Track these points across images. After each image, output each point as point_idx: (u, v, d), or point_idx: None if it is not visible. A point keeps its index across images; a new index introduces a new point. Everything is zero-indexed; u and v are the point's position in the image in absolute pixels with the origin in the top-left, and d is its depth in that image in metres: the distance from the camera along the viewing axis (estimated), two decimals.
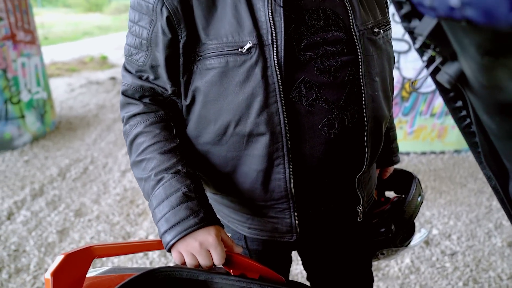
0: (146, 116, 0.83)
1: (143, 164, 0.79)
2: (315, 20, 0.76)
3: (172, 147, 0.80)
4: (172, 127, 0.84)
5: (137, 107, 0.84)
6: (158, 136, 0.80)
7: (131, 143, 0.83)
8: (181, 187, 0.74)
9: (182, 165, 0.78)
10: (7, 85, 3.91)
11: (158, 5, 0.73)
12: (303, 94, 0.77)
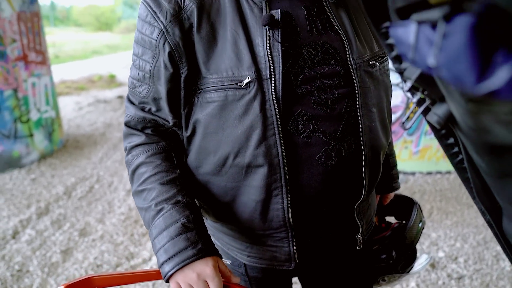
0: (148, 146, 0.85)
1: (144, 194, 0.81)
2: (313, 54, 0.78)
3: (172, 177, 0.82)
4: (173, 158, 0.86)
5: (139, 138, 0.86)
6: (159, 166, 0.82)
7: (133, 173, 0.85)
8: (180, 217, 0.76)
9: (182, 195, 0.80)
10: (17, 104, 3.99)
11: (161, 41, 0.76)
12: (300, 126, 0.78)
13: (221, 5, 0.78)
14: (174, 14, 0.76)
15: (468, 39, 0.20)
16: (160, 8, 0.77)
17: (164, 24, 0.76)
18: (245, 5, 0.78)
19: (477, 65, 0.21)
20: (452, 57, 0.22)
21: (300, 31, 0.79)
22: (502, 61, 0.20)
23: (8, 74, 3.88)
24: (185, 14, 0.76)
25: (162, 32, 0.76)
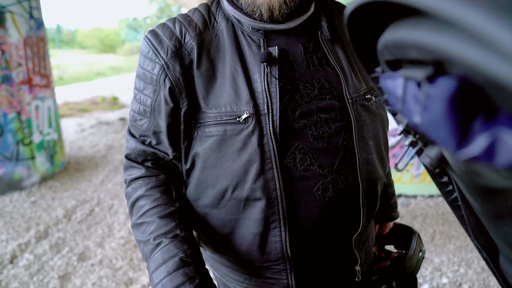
0: (148, 179, 0.86)
1: (143, 227, 0.81)
2: (310, 89, 0.80)
3: (171, 211, 0.82)
4: (172, 191, 0.87)
5: (139, 171, 0.87)
6: (158, 200, 0.83)
7: (132, 205, 0.85)
8: (178, 252, 0.76)
9: (181, 229, 0.80)
10: (20, 127, 4.02)
11: (162, 76, 0.79)
12: (297, 159, 0.79)
13: (221, 42, 0.80)
14: (174, 51, 0.79)
15: (448, 106, 0.21)
16: (162, 45, 0.79)
17: (165, 60, 0.78)
18: (244, 42, 0.80)
19: (456, 132, 0.22)
20: (433, 121, 0.23)
21: (297, 67, 0.81)
22: (480, 129, 0.21)
23: (13, 97, 3.94)
24: (186, 51, 0.79)
25: (163, 68, 0.78)
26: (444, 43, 0.19)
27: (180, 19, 0.83)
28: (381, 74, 0.34)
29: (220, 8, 0.85)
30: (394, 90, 0.31)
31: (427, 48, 0.22)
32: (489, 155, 0.20)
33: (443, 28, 0.20)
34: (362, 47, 0.36)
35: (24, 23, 3.95)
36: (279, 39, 0.81)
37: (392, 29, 0.27)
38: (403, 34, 0.25)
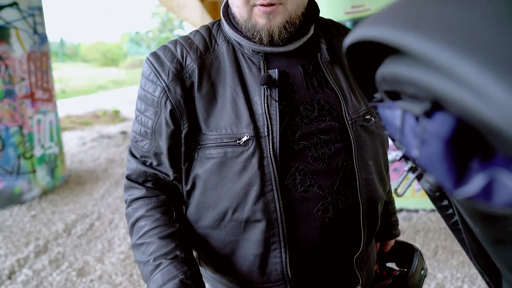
0: (148, 200, 0.86)
1: (143, 247, 0.81)
2: (309, 111, 0.81)
3: (171, 232, 0.82)
4: (172, 212, 0.87)
5: (140, 191, 0.88)
6: (158, 220, 0.83)
7: (132, 226, 0.86)
8: (178, 273, 0.75)
9: (181, 250, 0.80)
10: (21, 141, 4.04)
11: (163, 99, 0.79)
12: (297, 181, 0.79)
13: (221, 65, 0.81)
14: (176, 73, 0.80)
15: (445, 146, 0.22)
16: (163, 67, 0.80)
17: (166, 82, 0.79)
18: (244, 65, 0.81)
19: (453, 172, 0.22)
20: (431, 159, 0.24)
21: (297, 89, 0.81)
22: (477, 168, 0.21)
23: (15, 111, 3.96)
24: (187, 73, 0.80)
25: (164, 90, 0.79)
26: (437, 84, 0.20)
27: (181, 41, 0.84)
28: (380, 103, 0.34)
29: (221, 30, 0.86)
30: (393, 120, 0.31)
31: (423, 87, 0.22)
32: (486, 195, 0.20)
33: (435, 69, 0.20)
34: (361, 75, 0.37)
35: (28, 39, 4.01)
36: (279, 61, 0.82)
37: (389, 63, 0.28)
38: (399, 70, 0.25)
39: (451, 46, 0.18)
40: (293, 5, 0.76)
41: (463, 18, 0.18)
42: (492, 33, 0.17)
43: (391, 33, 0.22)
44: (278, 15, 0.76)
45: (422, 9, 0.21)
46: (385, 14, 0.25)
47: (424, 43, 0.19)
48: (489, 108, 0.16)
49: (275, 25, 0.76)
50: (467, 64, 0.17)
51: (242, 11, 0.77)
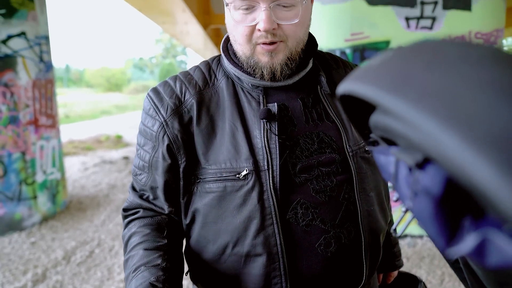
0: (143, 219, 0.88)
1: (129, 261, 0.81)
2: (309, 143, 0.81)
3: (157, 245, 0.82)
4: (164, 229, 0.87)
5: (137, 214, 0.90)
6: (147, 235, 0.83)
7: (125, 244, 0.86)
8: (151, 277, 0.73)
9: (163, 259, 0.78)
10: (24, 167, 4.04)
11: (161, 133, 0.81)
12: (299, 215, 0.79)
13: (221, 99, 0.83)
14: (174, 109, 0.81)
15: (435, 207, 0.22)
16: (162, 103, 0.82)
17: (164, 117, 0.81)
18: (244, 99, 0.82)
19: (444, 233, 0.22)
20: (422, 216, 0.24)
21: (296, 122, 0.82)
22: (469, 227, 0.21)
23: (18, 137, 3.99)
24: (185, 108, 0.81)
25: (162, 125, 0.81)
26: (426, 145, 0.20)
27: (181, 77, 0.86)
28: (375, 148, 0.34)
29: (220, 65, 0.88)
30: (387, 166, 0.31)
31: (412, 144, 0.22)
32: (479, 254, 0.20)
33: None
34: (355, 118, 0.38)
35: (34, 67, 4.09)
36: (278, 95, 0.83)
37: (381, 112, 0.28)
38: (390, 123, 0.26)
39: (437, 117, 0.18)
40: (294, 42, 0.78)
41: (448, 86, 0.19)
42: (476, 106, 0.17)
43: (380, 95, 0.23)
44: (279, 53, 0.77)
45: (410, 72, 0.22)
46: (375, 71, 0.25)
47: (411, 111, 0.20)
48: (476, 180, 0.16)
49: (277, 63, 0.78)
50: (452, 138, 0.17)
51: (245, 49, 0.78)
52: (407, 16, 3.34)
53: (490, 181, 0.16)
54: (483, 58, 0.19)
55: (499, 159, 0.15)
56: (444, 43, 0.22)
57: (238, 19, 0.75)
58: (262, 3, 0.71)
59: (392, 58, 0.25)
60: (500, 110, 0.16)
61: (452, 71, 0.20)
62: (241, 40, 0.78)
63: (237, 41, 0.80)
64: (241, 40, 0.78)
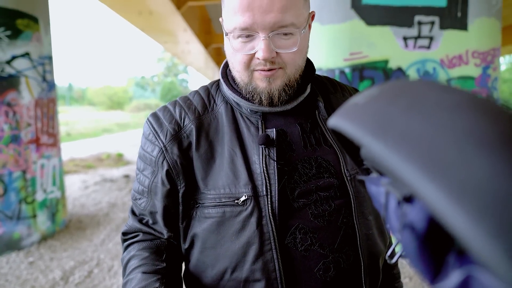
0: (142, 242, 0.88)
1: (127, 285, 0.80)
2: (308, 168, 0.81)
3: (156, 269, 0.82)
4: (163, 253, 0.87)
5: (136, 238, 0.89)
6: (146, 259, 0.83)
7: (124, 268, 0.86)
8: None
9: (160, 283, 0.78)
10: (24, 186, 4.04)
11: (160, 159, 0.81)
12: (298, 240, 0.79)
13: (220, 124, 0.83)
14: (173, 134, 0.82)
15: (420, 242, 0.22)
16: (162, 128, 0.83)
17: (163, 143, 0.81)
18: (243, 124, 0.83)
19: (430, 268, 0.22)
20: (409, 250, 0.24)
21: (295, 147, 0.82)
22: (454, 263, 0.22)
23: (19, 156, 4.00)
24: (185, 133, 0.82)
25: (161, 150, 0.81)
26: (409, 184, 0.21)
27: (180, 102, 0.87)
28: (366, 178, 0.35)
29: (219, 91, 0.89)
30: (378, 196, 0.32)
31: (397, 179, 0.23)
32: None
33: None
34: (348, 147, 0.38)
35: (36, 86, 4.14)
36: (277, 120, 0.84)
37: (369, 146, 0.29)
38: (378, 157, 0.26)
39: (414, 163, 0.19)
40: (292, 70, 0.79)
41: (426, 132, 0.20)
42: (451, 154, 0.18)
43: (363, 136, 0.24)
44: (278, 79, 0.78)
45: (391, 115, 0.23)
46: (360, 110, 0.26)
47: (390, 155, 0.21)
48: (452, 226, 0.17)
49: (275, 88, 0.78)
50: (428, 185, 0.18)
51: (243, 75, 0.79)
52: (405, 36, 3.39)
53: (465, 229, 0.16)
54: (459, 105, 0.20)
55: (471, 208, 0.16)
56: (425, 85, 0.23)
57: (237, 48, 0.76)
58: (261, 33, 0.72)
59: (377, 97, 0.26)
60: (473, 160, 0.17)
61: (430, 116, 0.20)
62: (239, 67, 0.79)
63: (235, 68, 0.81)
64: (239, 67, 0.79)
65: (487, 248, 0.15)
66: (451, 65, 3.37)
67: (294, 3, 0.72)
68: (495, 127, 0.18)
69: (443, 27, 3.33)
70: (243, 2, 0.70)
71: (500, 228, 0.15)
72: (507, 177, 0.16)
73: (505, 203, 0.15)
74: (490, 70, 3.42)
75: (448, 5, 3.31)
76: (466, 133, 0.18)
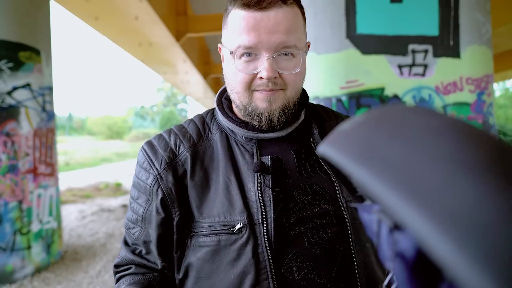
0: (134, 276, 0.85)
1: None
2: (303, 195, 0.81)
3: None
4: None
5: (128, 270, 0.87)
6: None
7: None
8: None
9: None
10: (19, 216, 3.98)
11: (155, 187, 0.81)
12: (294, 268, 0.77)
13: (215, 152, 0.83)
14: (168, 162, 0.81)
15: (410, 271, 0.22)
16: (156, 156, 0.82)
17: (158, 171, 0.81)
18: (237, 152, 0.83)
19: None
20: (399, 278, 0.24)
21: (290, 174, 0.82)
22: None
23: (16, 186, 3.97)
24: (179, 161, 0.82)
25: (156, 178, 0.81)
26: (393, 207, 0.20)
27: (175, 130, 0.87)
28: (359, 205, 0.34)
29: (214, 119, 0.90)
30: (370, 224, 0.31)
31: (385, 209, 0.23)
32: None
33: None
34: (342, 174, 0.38)
35: (36, 116, 4.16)
36: (272, 147, 0.84)
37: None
38: (362, 184, 0.26)
39: (397, 190, 0.19)
40: (293, 92, 0.80)
41: (408, 159, 0.20)
42: (433, 180, 0.18)
43: (348, 163, 0.24)
44: (278, 100, 0.79)
45: (375, 142, 0.23)
46: (345, 137, 0.26)
47: (373, 182, 0.21)
48: (435, 253, 0.17)
49: (275, 109, 0.79)
50: (411, 212, 0.18)
51: (242, 96, 0.80)
52: (399, 64, 3.46)
53: (449, 258, 0.16)
54: (440, 129, 0.20)
55: (455, 235, 0.16)
56: (408, 111, 0.24)
57: (240, 68, 0.77)
58: (265, 53, 0.74)
59: (362, 124, 0.26)
60: (455, 186, 0.17)
61: (412, 142, 0.20)
62: (239, 87, 0.79)
63: (234, 90, 0.81)
64: (240, 87, 0.79)
65: (473, 276, 0.15)
66: (446, 92, 3.42)
67: (297, 27, 0.76)
68: (476, 152, 0.18)
69: (437, 55, 3.41)
70: (250, 22, 0.73)
71: (485, 255, 0.15)
72: (489, 203, 0.16)
73: (488, 229, 0.15)
74: (485, 96, 3.47)
75: (440, 34, 3.40)
76: (446, 158, 0.18)
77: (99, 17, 6.46)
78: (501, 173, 0.17)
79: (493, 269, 0.15)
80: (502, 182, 0.17)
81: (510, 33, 9.11)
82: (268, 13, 0.73)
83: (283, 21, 0.73)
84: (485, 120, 3.48)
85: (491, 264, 0.15)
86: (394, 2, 3.45)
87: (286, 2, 0.74)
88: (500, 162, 0.17)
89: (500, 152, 0.18)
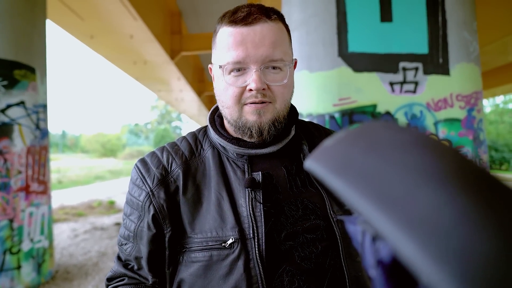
0: (127, 286, 0.86)
1: None
2: (294, 210, 0.82)
3: None
4: None
5: (121, 281, 0.88)
6: None
7: None
8: None
9: None
10: (10, 235, 3.92)
11: (147, 203, 0.82)
12: (285, 283, 0.77)
13: (206, 168, 0.85)
14: (160, 179, 0.83)
15: (386, 277, 0.23)
16: (149, 173, 0.84)
17: (150, 187, 0.82)
18: (229, 168, 0.84)
19: None
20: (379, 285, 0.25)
21: (281, 189, 0.83)
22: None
23: (8, 204, 3.93)
24: (172, 178, 0.83)
25: (148, 195, 0.82)
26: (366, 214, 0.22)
27: (168, 148, 0.89)
28: (346, 217, 0.36)
29: (207, 136, 0.92)
30: (355, 235, 0.33)
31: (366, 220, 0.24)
32: None
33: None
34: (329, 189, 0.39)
35: (29, 134, 4.15)
36: (263, 163, 0.86)
37: None
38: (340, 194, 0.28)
39: (369, 198, 0.20)
40: (282, 105, 0.82)
41: (379, 170, 0.22)
42: (400, 189, 0.20)
43: (328, 176, 0.25)
44: (268, 113, 0.81)
45: (351, 156, 0.25)
46: (327, 152, 0.28)
47: (348, 191, 0.22)
48: (405, 256, 0.18)
49: (265, 122, 0.81)
50: (381, 218, 0.19)
51: (233, 111, 0.82)
52: (391, 81, 3.53)
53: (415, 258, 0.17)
54: (410, 143, 0.22)
55: (417, 239, 0.17)
56: (382, 127, 0.26)
57: (230, 82, 0.80)
58: (253, 65, 0.77)
59: (342, 139, 0.28)
60: (419, 194, 0.19)
61: (383, 155, 0.22)
62: (230, 102, 0.81)
63: (225, 105, 0.83)
64: (230, 102, 0.81)
65: (435, 275, 0.16)
66: (437, 108, 3.48)
67: (282, 41, 0.80)
68: (438, 164, 0.20)
69: (427, 72, 3.49)
70: (237, 38, 0.77)
71: (445, 254, 0.16)
72: (446, 209, 0.17)
73: (445, 232, 0.17)
74: (475, 112, 3.53)
75: (430, 52, 3.49)
76: (412, 169, 0.20)
77: (94, 35, 6.53)
78: (458, 182, 0.19)
79: (451, 267, 0.16)
80: (458, 190, 0.18)
81: (498, 51, 9.36)
82: (254, 27, 0.77)
83: (268, 35, 0.77)
84: (475, 136, 3.54)
85: (449, 263, 0.16)
86: (385, 21, 3.55)
87: (271, 18, 0.79)
88: (458, 172, 0.19)
89: (459, 164, 0.20)
